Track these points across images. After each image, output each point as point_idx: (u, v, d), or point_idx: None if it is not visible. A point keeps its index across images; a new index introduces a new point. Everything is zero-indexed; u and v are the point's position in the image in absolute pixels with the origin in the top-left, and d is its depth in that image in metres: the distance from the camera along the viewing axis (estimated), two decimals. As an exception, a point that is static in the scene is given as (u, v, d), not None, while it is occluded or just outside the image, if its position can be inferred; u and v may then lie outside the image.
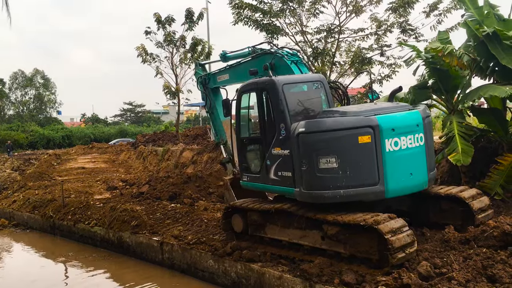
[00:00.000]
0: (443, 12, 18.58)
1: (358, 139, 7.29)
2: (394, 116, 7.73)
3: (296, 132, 7.66)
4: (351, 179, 7.32)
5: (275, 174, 8.34)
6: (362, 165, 7.33)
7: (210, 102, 12.97)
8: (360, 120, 7.43)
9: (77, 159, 28.68)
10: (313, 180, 7.52)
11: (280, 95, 8.16)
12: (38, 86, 73.92)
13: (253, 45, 11.13)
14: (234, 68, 11.72)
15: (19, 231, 16.42)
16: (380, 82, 20.47)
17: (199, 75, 13.12)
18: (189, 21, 26.33)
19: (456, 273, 6.37)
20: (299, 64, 9.63)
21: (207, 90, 12.86)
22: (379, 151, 7.32)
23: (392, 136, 7.43)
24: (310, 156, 7.49)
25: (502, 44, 9.96)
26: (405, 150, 7.60)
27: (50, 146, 54.29)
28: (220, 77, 12.24)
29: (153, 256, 11.01)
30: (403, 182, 7.61)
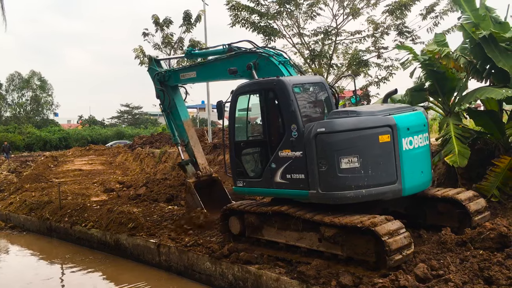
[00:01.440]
0: (439, 14, 18.64)
1: (379, 138, 7.36)
2: (407, 115, 7.88)
3: (314, 133, 7.54)
4: (372, 178, 7.36)
5: (283, 177, 8.16)
6: (383, 164, 7.41)
7: (169, 100, 12.32)
8: (380, 119, 7.50)
9: (74, 161, 28.64)
10: (333, 180, 7.44)
11: (291, 96, 8.01)
12: (35, 88, 73.65)
13: (228, 43, 10.64)
14: (205, 65, 11.23)
15: (16, 233, 16.36)
16: (377, 84, 20.52)
17: (156, 72, 12.44)
18: (187, 23, 26.37)
19: (453, 275, 6.38)
20: (287, 65, 9.36)
21: (166, 88, 12.26)
22: (397, 150, 7.44)
23: (407, 135, 7.59)
24: (330, 156, 7.42)
25: (498, 46, 10.00)
26: (417, 149, 7.78)
27: (47, 148, 54.21)
28: (184, 74, 11.70)
29: (150, 258, 10.99)
30: (416, 180, 7.78)
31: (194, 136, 12.70)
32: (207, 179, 12.43)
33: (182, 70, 11.93)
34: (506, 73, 9.91)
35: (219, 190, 12.54)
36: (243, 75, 9.69)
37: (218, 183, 12.64)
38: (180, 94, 12.66)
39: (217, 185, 12.62)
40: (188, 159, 12.58)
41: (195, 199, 11.83)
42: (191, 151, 12.46)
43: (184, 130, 12.42)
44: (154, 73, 12.47)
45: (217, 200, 12.19)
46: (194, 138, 12.63)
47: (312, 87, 8.85)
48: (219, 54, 11.08)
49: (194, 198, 11.86)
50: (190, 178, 12.37)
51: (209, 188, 12.43)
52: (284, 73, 8.97)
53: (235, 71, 9.67)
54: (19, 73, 73.88)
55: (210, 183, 12.55)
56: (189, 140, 12.44)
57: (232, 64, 9.95)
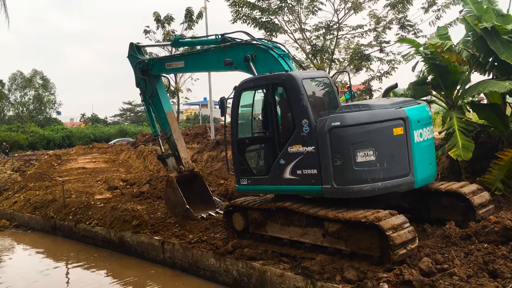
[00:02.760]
0: (441, 7, 18.54)
1: (393, 131, 7.41)
2: (416, 108, 7.95)
3: (328, 127, 7.49)
4: (387, 171, 7.40)
5: (293, 173, 8.08)
6: (397, 157, 7.46)
7: (151, 90, 11.88)
8: (393, 112, 7.56)
9: (77, 159, 28.69)
10: (349, 174, 7.42)
11: (301, 90, 7.91)
12: (38, 86, 73.88)
13: (222, 33, 10.38)
14: (195, 55, 10.96)
15: (20, 232, 16.42)
16: (379, 78, 20.45)
17: (137, 60, 11.95)
18: (189, 20, 26.35)
19: (457, 268, 6.38)
20: (286, 58, 9.24)
21: (148, 77, 11.86)
22: (409, 142, 7.51)
23: (418, 128, 7.68)
24: (346, 150, 7.40)
25: (501, 39, 9.95)
26: (426, 141, 7.90)
27: (50, 147, 54.34)
28: (171, 63, 11.37)
29: (155, 255, 11.01)
30: (425, 172, 7.88)
31: (177, 129, 12.46)
32: (188, 174, 12.23)
33: (168, 59, 11.55)
34: (509, 65, 9.86)
35: (200, 185, 12.41)
36: (238, 67, 9.54)
37: (199, 178, 12.50)
38: (162, 84, 12.34)
39: (199, 180, 12.46)
40: (169, 153, 12.32)
41: (177, 194, 11.67)
42: (174, 144, 12.15)
43: (167, 122, 12.09)
44: (136, 61, 12.04)
45: (199, 195, 12.16)
46: (177, 131, 12.39)
47: (319, 81, 8.81)
48: (210, 44, 10.83)
49: (176, 193, 11.71)
50: (171, 172, 12.17)
51: (190, 183, 12.27)
52: (284, 66, 8.84)
53: (230, 62, 9.46)
54: (21, 72, 74.16)
55: (192, 177, 12.38)
56: (172, 133, 12.12)
57: (227, 55, 9.74)
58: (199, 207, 11.96)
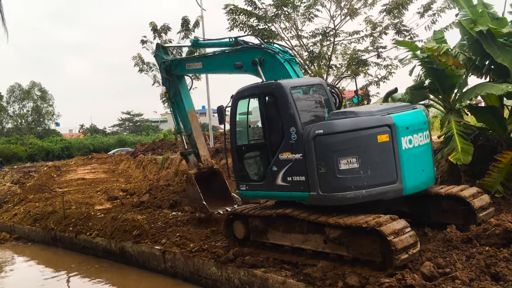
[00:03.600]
0: (437, 12, 18.62)
1: (377, 138, 7.36)
2: (406, 114, 7.88)
3: (312, 135, 7.56)
4: (372, 178, 7.36)
5: (284, 179, 8.18)
6: (382, 164, 7.41)
7: (174, 89, 12.30)
8: (378, 119, 7.50)
9: (76, 170, 28.68)
10: (333, 182, 7.45)
11: (289, 99, 8.03)
12: (36, 98, 73.89)
13: (235, 36, 10.59)
14: (210, 58, 11.19)
15: (21, 245, 16.38)
16: (377, 83, 20.50)
17: (162, 60, 12.38)
18: (185, 29, 26.41)
19: (459, 272, 6.36)
20: (292, 63, 9.35)
21: (171, 77, 12.21)
22: (396, 149, 7.43)
23: (406, 134, 7.58)
24: (329, 157, 7.44)
25: (497, 42, 9.99)
26: (417, 148, 7.77)
27: (50, 158, 54.25)
28: (190, 64, 11.67)
29: (156, 265, 10.98)
30: (417, 179, 7.76)
31: (198, 127, 12.71)
32: (207, 171, 12.45)
33: (189, 60, 11.97)
34: (505, 68, 9.90)
35: (219, 182, 12.56)
36: (248, 70, 9.70)
37: (218, 175, 12.65)
38: (185, 84, 12.67)
39: (218, 177, 12.63)
40: (190, 150, 12.57)
41: (195, 190, 11.84)
42: (194, 142, 12.45)
43: (188, 120, 12.42)
44: (161, 61, 12.47)
45: (217, 192, 12.30)
46: (197, 129, 12.64)
47: (311, 88, 8.85)
48: (224, 46, 11.05)
49: (194, 190, 11.87)
50: (191, 169, 12.40)
51: (209, 180, 12.46)
52: (289, 71, 9.02)
53: (240, 66, 9.64)
54: (19, 84, 74.19)
55: (211, 174, 12.57)
56: (192, 131, 12.42)
57: (238, 58, 9.93)
58: (217, 203, 12.04)
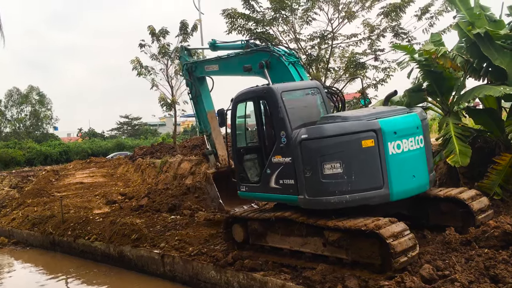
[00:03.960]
0: (434, 15, 18.69)
1: (362, 143, 7.35)
2: (395, 119, 7.83)
3: (299, 139, 7.64)
4: (356, 183, 7.35)
5: (276, 182, 8.30)
6: (367, 169, 7.38)
7: (195, 90, 12.68)
8: (363, 124, 7.48)
9: (75, 174, 28.60)
10: (317, 186, 7.51)
11: (279, 103, 8.14)
12: (34, 102, 73.73)
13: (246, 39, 10.81)
14: (224, 60, 11.41)
15: (19, 249, 16.33)
16: (375, 86, 20.54)
17: (185, 61, 12.81)
18: (183, 33, 26.42)
19: (458, 274, 6.36)
20: (297, 65, 9.48)
21: (192, 78, 12.56)
22: (383, 154, 7.39)
23: (394, 139, 7.52)
24: (314, 162, 7.49)
25: (494, 44, 10.03)
26: (407, 153, 7.69)
27: (48, 162, 54.11)
28: (208, 66, 11.96)
29: (155, 269, 10.96)
30: (406, 184, 7.69)
31: (217, 128, 12.91)
32: (225, 171, 12.55)
33: (207, 62, 12.22)
34: (503, 70, 9.93)
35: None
36: (257, 72, 9.84)
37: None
38: (206, 85, 12.89)
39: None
40: (210, 150, 12.83)
41: (212, 189, 12.09)
42: (213, 142, 12.74)
43: (208, 121, 12.70)
44: (184, 62, 12.88)
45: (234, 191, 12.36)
46: (216, 129, 12.88)
47: (305, 92, 8.88)
48: (238, 48, 11.28)
49: (212, 188, 12.13)
50: (210, 168, 12.68)
51: (227, 179, 12.44)
52: (292, 73, 9.16)
53: (249, 68, 9.83)
54: (17, 88, 74.04)
55: (229, 174, 12.54)
56: (212, 131, 12.71)
57: (247, 60, 10.12)
58: (234, 201, 12.10)
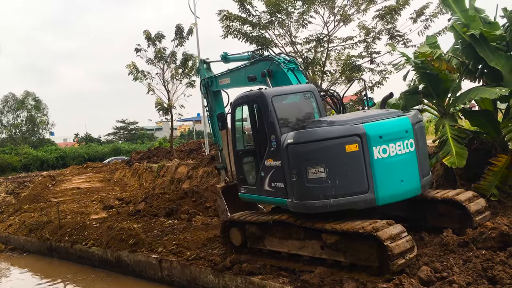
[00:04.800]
0: (429, 17, 18.79)
1: (346, 148, 7.33)
2: (382, 123, 7.74)
3: (285, 144, 7.72)
4: (340, 188, 7.36)
5: (269, 185, 8.41)
6: (351, 174, 7.37)
7: (210, 105, 12.87)
8: (347, 129, 7.46)
9: (72, 179, 28.57)
10: (303, 190, 7.59)
11: (269, 107, 8.24)
12: (30, 108, 73.62)
13: (252, 50, 11.08)
14: (233, 72, 11.62)
15: (16, 255, 16.25)
16: (371, 89, 20.61)
17: (204, 77, 12.92)
18: (179, 37, 26.45)
19: (456, 276, 6.36)
20: (296, 71, 9.61)
21: (209, 93, 12.72)
22: (368, 159, 7.37)
23: (380, 144, 7.46)
24: (299, 166, 7.56)
25: (489, 46, 10.06)
26: (394, 157, 7.60)
27: (44, 168, 53.99)
28: (221, 80, 12.15)
29: (152, 273, 10.93)
30: (393, 189, 7.62)
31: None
32: (235, 185, 12.63)
33: (220, 76, 12.31)
34: (498, 72, 9.97)
35: None
36: (261, 82, 9.98)
37: None
38: (221, 100, 12.95)
39: None
40: (221, 164, 13.00)
41: (221, 203, 12.18)
42: (224, 157, 12.86)
43: (220, 136, 12.77)
44: (203, 77, 12.97)
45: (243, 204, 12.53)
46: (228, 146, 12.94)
47: (298, 96, 8.90)
48: (245, 60, 11.45)
49: (221, 202, 12.23)
50: (221, 182, 12.84)
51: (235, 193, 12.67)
52: (291, 79, 9.30)
53: (254, 78, 10.00)
54: (13, 94, 73.93)
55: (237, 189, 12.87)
56: (223, 147, 12.76)
57: (252, 71, 10.29)
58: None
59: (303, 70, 10.15)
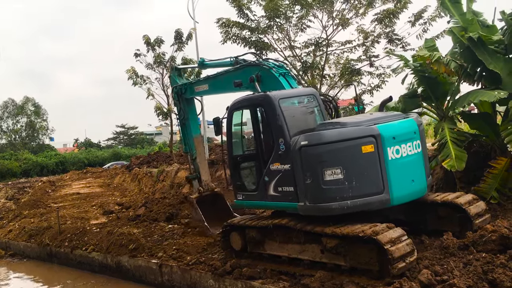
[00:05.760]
0: (428, 20, 18.81)
1: (362, 148, 7.34)
2: (393, 124, 7.86)
3: (298, 146, 7.61)
4: (357, 189, 7.35)
5: (275, 190, 8.27)
6: (367, 175, 7.39)
7: (183, 114, 12.70)
8: (362, 130, 7.49)
9: (71, 184, 28.54)
10: (318, 193, 7.47)
11: (277, 110, 8.15)
12: (29, 113, 73.69)
13: (235, 56, 10.86)
14: (214, 78, 11.41)
15: (16, 261, 16.23)
16: (370, 92, 20.62)
17: (176, 84, 12.75)
18: (178, 42, 26.48)
19: (457, 279, 6.36)
20: (287, 76, 9.51)
21: (182, 100, 12.53)
22: (382, 159, 7.41)
23: (393, 144, 7.54)
24: (314, 168, 7.46)
25: (488, 49, 10.10)
26: (405, 158, 7.72)
27: (44, 173, 53.95)
28: (198, 87, 11.93)
29: (153, 279, 10.91)
30: (406, 189, 7.71)
31: (202, 153, 13.14)
32: (209, 195, 12.87)
33: (197, 82, 12.22)
34: (497, 75, 9.99)
35: (222, 204, 12.94)
36: (248, 87, 9.88)
37: (221, 198, 13.06)
38: (194, 108, 12.92)
39: (220, 200, 13.03)
40: (195, 175, 12.96)
41: (197, 214, 12.20)
42: (197, 166, 12.86)
43: (193, 145, 12.81)
44: (174, 84, 12.89)
45: (220, 214, 12.53)
46: (202, 155, 13.08)
47: (302, 99, 8.93)
48: (227, 66, 11.30)
49: (196, 213, 12.25)
50: (194, 193, 12.76)
51: (212, 203, 12.83)
52: (283, 84, 9.16)
53: (240, 83, 9.86)
54: (12, 99, 74.02)
55: (214, 198, 12.98)
56: (197, 156, 12.82)
57: (237, 76, 10.14)
58: (219, 224, 12.21)
59: (294, 75, 10.10)
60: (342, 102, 25.17)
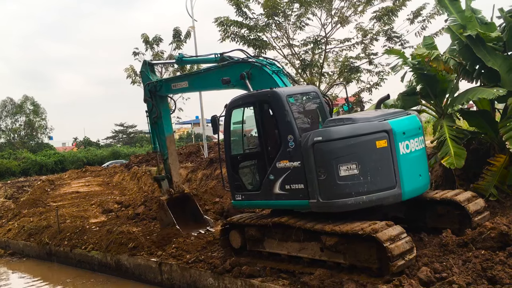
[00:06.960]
0: (426, 18, 18.82)
1: (376, 143, 7.38)
2: (402, 120, 7.94)
3: (311, 142, 7.53)
4: (371, 184, 7.37)
5: (282, 188, 8.18)
6: (381, 170, 7.43)
7: (156, 112, 12.17)
8: (376, 125, 7.53)
9: (70, 183, 28.49)
10: (333, 188, 7.42)
11: (286, 107, 8.06)
12: (28, 112, 73.59)
13: (221, 52, 10.64)
14: (196, 75, 11.16)
15: (16, 260, 16.23)
16: (369, 90, 20.64)
17: (148, 81, 12.20)
18: (177, 40, 26.49)
19: (456, 276, 6.37)
20: (280, 74, 9.40)
21: (155, 98, 12.10)
22: (394, 154, 7.47)
23: (403, 139, 7.63)
24: (329, 164, 7.41)
25: (486, 46, 10.09)
26: (414, 153, 7.83)
27: (43, 172, 53.87)
28: (176, 84, 11.58)
29: (152, 277, 10.92)
30: (415, 183, 7.81)
31: (174, 153, 12.80)
32: (179, 196, 12.70)
33: (174, 79, 11.90)
34: (495, 72, 9.99)
35: (192, 206, 12.88)
36: (236, 84, 9.71)
37: (190, 200, 12.97)
38: (168, 106, 12.62)
39: (190, 201, 12.95)
40: (163, 175, 12.68)
41: (168, 216, 11.99)
42: (169, 167, 12.55)
43: (166, 145, 12.45)
44: (146, 81, 12.35)
45: (190, 215, 12.67)
46: (173, 155, 12.73)
47: (305, 96, 8.89)
48: (210, 62, 11.07)
49: (167, 215, 12.04)
50: (163, 194, 12.58)
51: (182, 205, 12.74)
52: (278, 82, 9.03)
53: (228, 81, 9.66)
54: (11, 98, 73.91)
55: (184, 199, 12.84)
56: (169, 156, 12.51)
57: (225, 73, 9.91)
58: (191, 226, 12.37)
59: (287, 73, 9.98)
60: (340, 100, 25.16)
